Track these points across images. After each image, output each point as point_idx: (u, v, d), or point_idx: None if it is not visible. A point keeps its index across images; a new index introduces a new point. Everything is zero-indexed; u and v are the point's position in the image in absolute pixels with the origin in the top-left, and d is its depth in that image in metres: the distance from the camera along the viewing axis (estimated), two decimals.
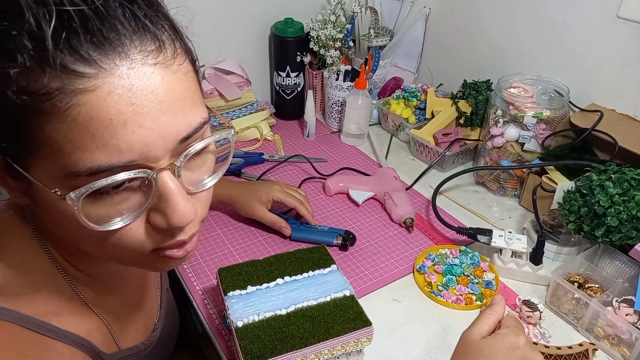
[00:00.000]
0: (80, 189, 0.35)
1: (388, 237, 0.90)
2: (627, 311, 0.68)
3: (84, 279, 0.50)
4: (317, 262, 0.68)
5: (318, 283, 0.65)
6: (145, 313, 0.62)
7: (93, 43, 0.32)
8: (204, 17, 1.11)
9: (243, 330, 0.58)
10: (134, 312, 0.59)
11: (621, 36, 0.90)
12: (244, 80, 1.20)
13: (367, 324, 0.60)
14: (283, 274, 0.66)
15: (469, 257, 0.83)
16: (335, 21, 1.15)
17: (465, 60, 1.22)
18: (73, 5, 0.31)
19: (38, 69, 0.31)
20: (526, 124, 0.95)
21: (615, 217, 0.72)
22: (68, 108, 0.32)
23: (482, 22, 1.15)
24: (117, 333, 0.55)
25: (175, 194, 0.38)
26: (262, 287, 0.64)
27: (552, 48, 1.02)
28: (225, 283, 0.64)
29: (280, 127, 1.25)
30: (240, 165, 1.05)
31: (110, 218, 0.37)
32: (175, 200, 0.38)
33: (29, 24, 0.31)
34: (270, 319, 0.59)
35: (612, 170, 0.76)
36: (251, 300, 0.62)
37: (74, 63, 0.32)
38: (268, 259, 0.68)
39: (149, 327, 0.63)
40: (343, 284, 0.65)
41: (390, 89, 1.30)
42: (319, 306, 0.61)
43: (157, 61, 0.35)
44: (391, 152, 1.18)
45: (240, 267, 0.67)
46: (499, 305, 0.59)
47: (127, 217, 0.38)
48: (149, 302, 0.64)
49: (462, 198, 1.02)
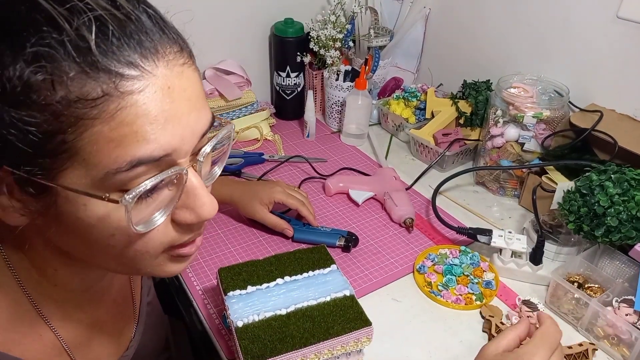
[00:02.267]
0: (135, 189, 0.35)
1: (388, 237, 0.90)
2: (626, 311, 0.68)
3: (56, 294, 0.48)
4: (317, 262, 0.68)
5: (318, 283, 0.65)
6: (117, 330, 0.60)
7: (132, 46, 0.34)
8: (204, 17, 1.11)
9: (243, 330, 0.58)
10: (104, 329, 0.57)
11: (621, 36, 0.90)
12: (244, 80, 1.20)
13: (367, 324, 0.60)
14: (283, 274, 0.66)
15: (468, 257, 0.83)
16: (335, 21, 1.15)
17: (465, 61, 1.22)
18: (106, 11, 0.32)
19: (84, 76, 0.32)
20: (526, 124, 0.95)
21: (615, 217, 0.72)
22: (117, 110, 0.33)
23: (482, 22, 1.15)
24: (78, 353, 0.52)
25: (202, 188, 0.40)
26: (262, 287, 0.64)
27: (552, 48, 1.02)
28: (226, 283, 0.64)
29: (280, 127, 1.25)
30: (240, 165, 1.05)
31: (150, 217, 0.38)
32: (203, 193, 0.40)
33: (69, 32, 0.31)
34: (270, 319, 0.59)
35: (611, 170, 0.76)
36: (251, 300, 0.62)
37: (119, 66, 0.33)
38: (268, 259, 0.68)
39: (122, 343, 0.61)
40: (343, 284, 0.65)
41: (390, 89, 1.30)
42: (319, 306, 0.61)
43: (184, 61, 0.37)
44: (391, 152, 1.18)
45: (240, 267, 0.67)
46: (521, 322, 0.56)
47: (162, 214, 0.39)
48: (123, 318, 0.62)
49: (462, 198, 1.02)
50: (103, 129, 0.33)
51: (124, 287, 0.62)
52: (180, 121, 0.36)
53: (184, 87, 0.37)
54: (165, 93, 0.35)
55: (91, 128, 0.33)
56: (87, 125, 0.33)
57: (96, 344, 0.56)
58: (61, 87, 0.32)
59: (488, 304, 0.76)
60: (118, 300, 0.60)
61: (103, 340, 0.57)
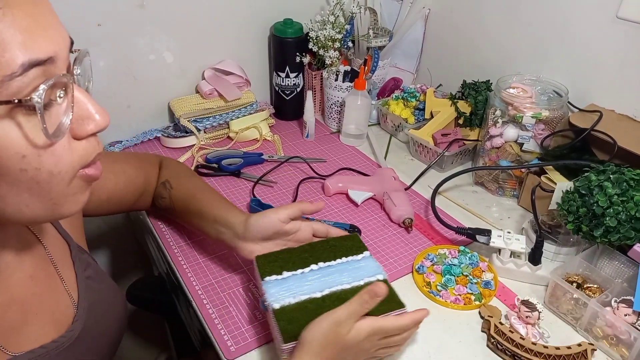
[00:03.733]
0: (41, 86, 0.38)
1: (387, 237, 0.90)
2: (625, 311, 0.68)
3: None
4: (351, 249, 0.71)
5: (352, 268, 0.68)
6: (49, 307, 0.56)
7: None
8: (204, 17, 1.11)
9: (280, 312, 0.60)
10: (28, 309, 0.54)
11: (621, 36, 0.90)
12: (244, 80, 1.21)
13: (401, 306, 0.62)
14: (317, 260, 0.69)
15: (467, 257, 0.83)
16: (334, 22, 1.15)
17: (464, 61, 1.22)
18: None
19: None
20: (525, 124, 0.95)
21: (613, 218, 0.72)
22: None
23: (482, 22, 1.15)
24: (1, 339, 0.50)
25: (90, 99, 0.44)
26: (297, 272, 0.67)
27: (552, 48, 1.02)
28: (262, 269, 0.67)
29: (279, 127, 1.25)
30: (240, 165, 1.05)
31: (58, 123, 0.41)
32: (93, 102, 0.44)
33: None
34: (306, 302, 0.62)
35: (610, 171, 0.76)
36: (287, 284, 0.65)
37: None
38: (302, 247, 0.71)
39: (62, 322, 0.57)
40: (376, 269, 0.68)
41: (389, 89, 1.30)
42: (353, 290, 0.64)
43: None
44: (390, 152, 1.18)
45: (276, 254, 0.70)
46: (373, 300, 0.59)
47: (66, 120, 0.41)
48: (52, 295, 0.58)
49: (461, 198, 1.02)
50: None
51: (40, 262, 0.58)
52: (51, 27, 0.39)
53: (45, 2, 0.40)
54: (35, 2, 0.38)
55: None
56: None
57: (20, 324, 0.52)
58: None
59: (487, 304, 0.76)
60: (38, 276, 0.57)
61: (31, 320, 0.54)
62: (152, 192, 0.84)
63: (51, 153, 0.41)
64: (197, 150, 1.11)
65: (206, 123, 1.14)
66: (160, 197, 0.83)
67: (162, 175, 0.84)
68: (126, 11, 1.01)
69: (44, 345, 0.53)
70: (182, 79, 1.17)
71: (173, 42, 1.10)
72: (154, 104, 1.16)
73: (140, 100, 1.13)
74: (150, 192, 0.84)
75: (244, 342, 0.69)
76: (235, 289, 0.77)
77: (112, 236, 1.26)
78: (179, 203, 0.81)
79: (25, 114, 0.38)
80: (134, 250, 1.31)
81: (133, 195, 0.82)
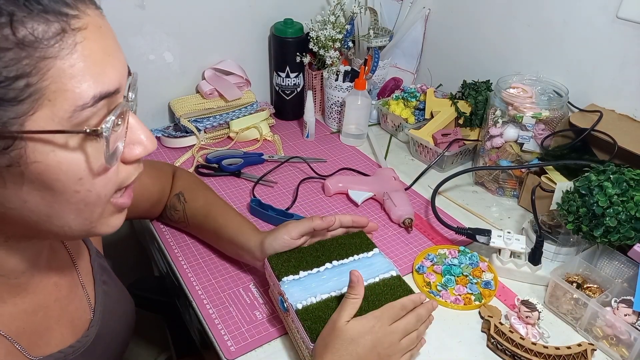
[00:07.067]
0: (107, 120, 0.39)
1: (387, 237, 0.90)
2: (625, 311, 0.68)
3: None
4: (360, 246, 0.73)
5: (364, 266, 0.69)
6: (69, 313, 0.58)
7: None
8: (204, 17, 1.11)
9: (304, 312, 0.61)
10: (50, 314, 0.55)
11: (621, 36, 0.90)
12: (244, 80, 1.21)
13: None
14: (330, 258, 0.70)
15: (467, 257, 0.83)
16: (334, 22, 1.15)
17: (464, 61, 1.22)
18: None
19: (36, 17, 0.34)
20: (525, 124, 0.95)
21: (613, 218, 0.72)
22: (75, 45, 0.36)
23: (482, 22, 1.15)
24: (25, 343, 0.51)
25: (141, 123, 0.45)
26: (314, 271, 0.68)
27: (552, 48, 1.02)
28: (278, 269, 0.68)
29: (279, 127, 1.25)
30: (240, 165, 1.05)
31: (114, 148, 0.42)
32: (144, 127, 0.45)
33: None
34: (328, 300, 0.63)
35: (610, 171, 0.76)
36: (305, 284, 0.66)
37: (62, 7, 0.36)
38: (313, 246, 0.72)
39: (79, 327, 0.59)
40: (388, 266, 0.70)
41: (389, 89, 1.30)
42: (369, 287, 0.65)
43: (96, 6, 0.41)
44: (390, 152, 1.18)
45: (287, 254, 0.70)
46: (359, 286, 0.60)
47: (121, 144, 0.43)
48: (73, 301, 0.59)
49: (461, 198, 1.02)
50: (64, 66, 0.36)
51: (65, 269, 0.59)
52: (117, 57, 0.40)
53: (108, 28, 0.41)
54: (101, 31, 0.39)
55: (53, 67, 0.35)
56: (49, 64, 0.35)
57: (43, 329, 0.54)
58: (17, 31, 0.33)
59: (487, 304, 0.76)
60: (61, 282, 0.58)
61: (53, 326, 0.55)
62: (164, 202, 0.84)
63: (104, 176, 0.42)
64: (197, 150, 1.11)
65: (206, 123, 1.14)
66: (174, 209, 0.83)
67: (176, 186, 0.84)
68: (126, 11, 1.01)
69: (62, 350, 0.55)
70: (182, 79, 1.17)
71: (173, 42, 1.10)
72: (154, 104, 1.17)
73: (140, 100, 1.11)
74: (163, 202, 0.84)
75: (244, 342, 0.69)
76: (235, 289, 0.78)
77: (112, 236, 1.25)
78: (193, 219, 0.82)
79: (90, 140, 0.39)
80: (134, 250, 1.31)
81: (146, 204, 0.82)
